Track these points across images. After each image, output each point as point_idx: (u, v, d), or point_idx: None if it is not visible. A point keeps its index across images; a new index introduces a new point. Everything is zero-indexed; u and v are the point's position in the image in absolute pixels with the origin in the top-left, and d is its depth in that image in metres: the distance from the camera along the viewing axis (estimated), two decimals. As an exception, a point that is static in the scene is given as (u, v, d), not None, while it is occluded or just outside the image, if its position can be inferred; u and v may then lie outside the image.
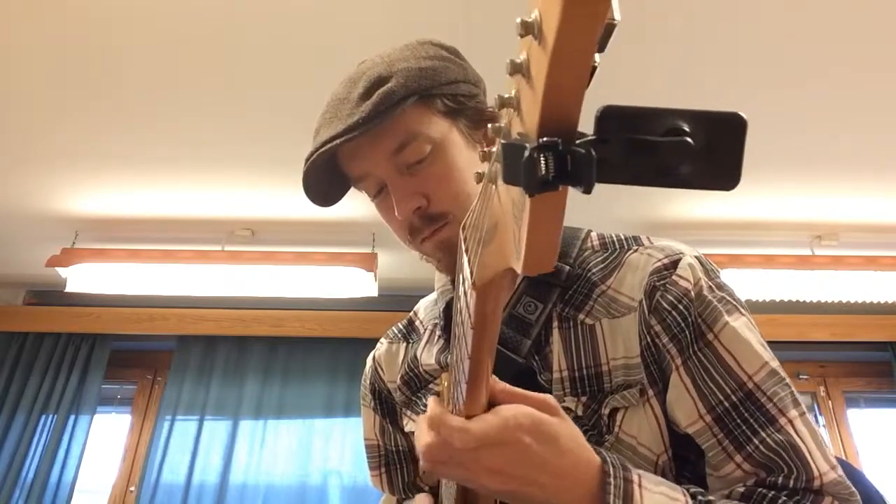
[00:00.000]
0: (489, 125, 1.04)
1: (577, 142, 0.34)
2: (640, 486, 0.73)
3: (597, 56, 0.33)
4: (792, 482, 0.80)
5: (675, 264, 0.95)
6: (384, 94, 0.94)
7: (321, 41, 2.36)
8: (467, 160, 1.01)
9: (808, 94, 2.61)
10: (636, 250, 1.01)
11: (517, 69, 0.36)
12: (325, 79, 1.12)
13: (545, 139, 0.33)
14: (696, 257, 0.98)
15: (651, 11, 2.23)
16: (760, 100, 2.61)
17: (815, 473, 0.81)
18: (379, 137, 0.96)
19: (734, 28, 2.31)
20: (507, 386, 0.72)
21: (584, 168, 0.33)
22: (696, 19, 2.28)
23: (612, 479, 0.71)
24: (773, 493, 0.79)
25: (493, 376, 0.70)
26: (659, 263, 0.96)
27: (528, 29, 0.34)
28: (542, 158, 0.33)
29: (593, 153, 0.33)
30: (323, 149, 0.95)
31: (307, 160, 0.98)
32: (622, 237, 1.06)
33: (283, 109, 2.68)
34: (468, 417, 0.69)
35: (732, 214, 3.45)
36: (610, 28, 0.32)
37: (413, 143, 0.97)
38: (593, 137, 0.35)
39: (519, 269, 0.41)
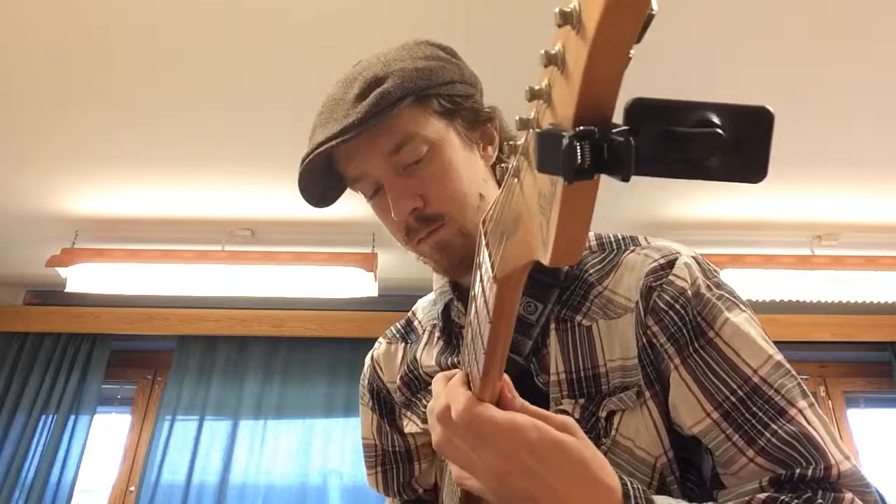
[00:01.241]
0: (494, 127, 1.03)
1: (613, 131, 0.34)
2: None
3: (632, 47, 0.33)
4: (810, 473, 0.79)
5: (671, 264, 0.94)
6: (380, 95, 0.94)
7: (321, 41, 2.36)
8: (464, 160, 1.02)
9: (808, 95, 2.62)
10: (633, 251, 1.00)
11: (552, 60, 0.36)
12: (324, 78, 1.12)
13: (582, 128, 0.33)
14: (693, 257, 0.97)
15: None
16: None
17: (832, 462, 0.79)
18: (375, 138, 0.96)
19: (734, 28, 2.31)
20: (526, 404, 0.69)
21: (623, 156, 0.33)
22: (696, 19, 2.28)
23: None
24: (796, 502, 0.77)
25: (515, 393, 0.69)
26: (655, 264, 0.95)
27: (566, 19, 0.34)
28: (579, 147, 0.33)
29: (632, 141, 0.33)
30: (319, 150, 0.94)
31: (303, 161, 0.98)
32: (620, 237, 1.05)
33: (283, 109, 2.68)
34: None
35: (732, 214, 3.46)
36: (648, 19, 0.32)
37: (409, 143, 0.97)
38: (627, 128, 0.35)
39: (546, 261, 0.41)
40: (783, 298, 3.66)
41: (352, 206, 1.04)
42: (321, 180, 1.04)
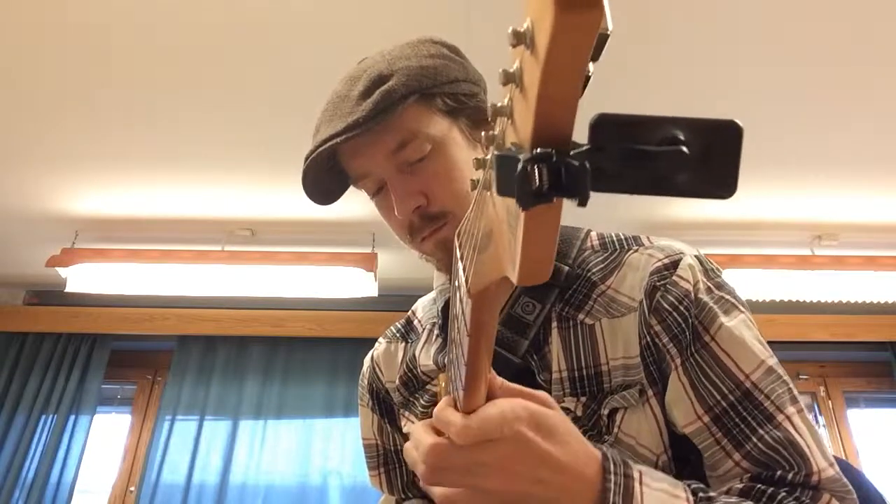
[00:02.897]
0: (483, 132, 1.02)
1: (572, 152, 0.33)
2: (640, 482, 0.71)
3: (591, 65, 0.32)
4: (791, 477, 0.80)
5: (675, 265, 0.95)
6: (384, 93, 0.94)
7: (321, 41, 2.36)
8: (468, 159, 1.01)
9: (808, 95, 2.61)
10: (636, 250, 1.00)
11: (510, 79, 0.36)
12: (325, 78, 1.12)
13: (539, 150, 0.33)
14: (697, 257, 0.98)
15: (650, 12, 2.22)
16: (760, 100, 2.60)
17: (814, 469, 0.80)
18: (379, 136, 0.96)
19: (734, 29, 2.31)
20: (506, 382, 0.70)
21: (579, 180, 0.32)
22: (696, 20, 2.27)
23: (612, 476, 0.70)
24: (772, 489, 0.79)
25: (493, 372, 0.69)
26: (659, 264, 0.95)
27: (519, 39, 0.33)
28: (535, 170, 0.33)
29: (587, 165, 0.32)
30: (323, 147, 0.95)
31: (307, 158, 0.98)
32: (622, 237, 1.05)
33: (284, 109, 2.68)
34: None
35: (732, 214, 3.45)
36: (603, 38, 0.31)
37: (413, 141, 0.97)
38: (588, 147, 0.35)
39: (514, 280, 0.40)
40: (783, 298, 3.65)
41: (352, 205, 1.03)
42: (325, 177, 1.04)
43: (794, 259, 3.48)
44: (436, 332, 1.16)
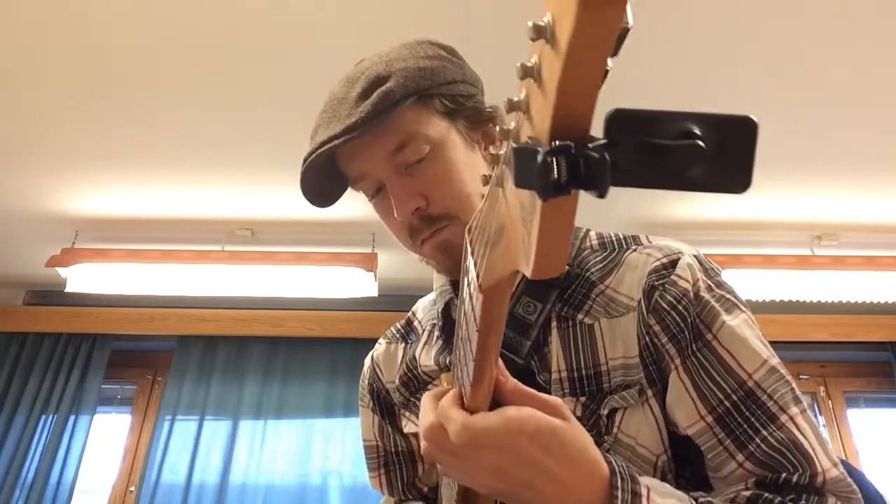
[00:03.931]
0: (495, 127, 1.03)
1: (590, 145, 0.34)
2: (648, 498, 0.70)
3: (609, 60, 0.33)
4: (795, 479, 0.79)
5: (673, 264, 0.94)
6: (383, 94, 0.94)
7: (320, 40, 2.36)
8: (466, 160, 1.01)
9: (808, 95, 2.61)
10: (635, 250, 1.00)
11: (528, 73, 0.36)
12: (325, 78, 1.12)
13: (558, 143, 0.33)
14: (695, 256, 0.97)
15: (651, 13, 2.22)
16: (760, 100, 2.61)
17: (819, 469, 0.80)
18: (377, 138, 0.96)
19: (734, 29, 2.31)
20: (519, 385, 0.70)
21: (598, 172, 0.33)
22: (696, 20, 2.28)
23: (619, 492, 0.69)
24: (778, 499, 0.78)
25: (506, 373, 0.70)
26: (657, 263, 0.95)
27: (539, 33, 0.33)
28: (555, 162, 0.33)
29: (607, 157, 0.33)
30: (321, 150, 0.94)
31: (305, 161, 0.98)
32: (621, 236, 1.05)
33: (283, 109, 2.67)
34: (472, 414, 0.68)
35: (732, 214, 3.45)
36: (623, 33, 0.32)
37: (412, 143, 0.96)
38: (605, 141, 0.35)
39: (529, 273, 0.40)
40: (783, 298, 3.65)
41: (352, 206, 1.03)
42: (323, 179, 1.04)
43: (794, 259, 3.48)
44: (436, 333, 1.16)
